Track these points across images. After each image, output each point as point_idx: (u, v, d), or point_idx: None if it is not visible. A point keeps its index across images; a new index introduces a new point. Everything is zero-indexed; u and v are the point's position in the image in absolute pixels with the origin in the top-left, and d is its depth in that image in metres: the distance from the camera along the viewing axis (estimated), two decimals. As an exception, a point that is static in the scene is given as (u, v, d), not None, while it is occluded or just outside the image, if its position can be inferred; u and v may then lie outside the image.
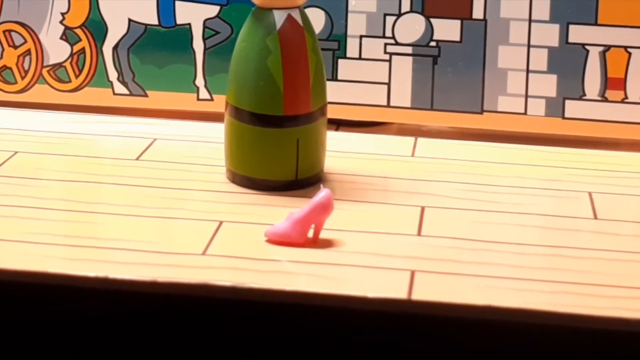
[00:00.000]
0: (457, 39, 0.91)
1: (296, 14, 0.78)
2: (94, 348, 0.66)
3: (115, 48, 0.94)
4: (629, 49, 0.89)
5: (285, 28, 0.78)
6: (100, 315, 0.66)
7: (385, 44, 0.92)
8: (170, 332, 0.65)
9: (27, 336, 0.67)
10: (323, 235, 0.71)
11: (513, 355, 0.64)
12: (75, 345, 0.66)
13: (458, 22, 0.91)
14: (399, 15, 0.91)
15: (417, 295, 0.64)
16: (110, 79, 0.94)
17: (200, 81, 0.94)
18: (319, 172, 0.81)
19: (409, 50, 0.91)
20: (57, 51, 0.94)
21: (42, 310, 0.66)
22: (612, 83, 0.90)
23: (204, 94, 0.94)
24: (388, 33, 0.91)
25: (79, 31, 0.94)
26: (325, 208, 0.70)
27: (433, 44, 0.91)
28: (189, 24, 0.93)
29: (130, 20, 0.93)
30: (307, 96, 0.78)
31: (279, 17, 0.78)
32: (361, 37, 0.92)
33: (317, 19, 0.91)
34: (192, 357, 0.65)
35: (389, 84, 0.92)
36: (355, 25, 0.92)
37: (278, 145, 0.79)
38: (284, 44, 0.77)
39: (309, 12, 0.88)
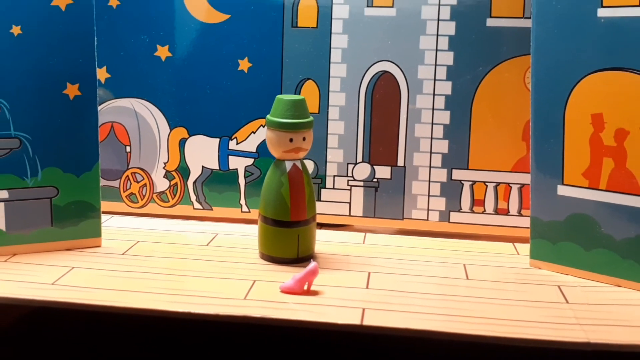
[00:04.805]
0: (389, 177, 0.90)
1: (298, 163, 0.79)
2: (177, 353, 0.67)
3: (194, 183, 0.93)
4: (486, 183, 0.89)
5: (292, 171, 0.78)
6: (184, 335, 0.66)
7: (348, 180, 0.91)
8: (225, 344, 0.66)
9: (140, 348, 0.67)
10: (313, 288, 0.72)
11: (425, 357, 0.64)
12: (169, 352, 0.67)
13: (389, 167, 0.90)
14: (356, 163, 0.91)
15: (366, 322, 0.65)
16: (191, 200, 0.94)
17: (242, 201, 0.93)
18: (311, 253, 0.80)
19: (361, 183, 0.91)
20: (161, 184, 0.94)
21: (150, 329, 0.67)
22: (477, 202, 0.89)
23: (245, 209, 0.93)
24: (349, 174, 0.91)
25: (174, 173, 0.93)
26: (313, 273, 0.71)
27: (375, 180, 0.90)
28: (236, 169, 0.92)
29: (203, 167, 0.93)
30: (304, 210, 0.78)
31: (288, 165, 0.78)
32: (334, 176, 0.91)
33: (309, 165, 0.91)
34: (239, 356, 0.66)
35: (349, 203, 0.91)
36: (331, 169, 0.91)
37: (287, 238, 0.78)
38: (291, 181, 0.78)
39: (305, 161, 0.89)
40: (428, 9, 0.87)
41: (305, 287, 0.71)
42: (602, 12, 0.73)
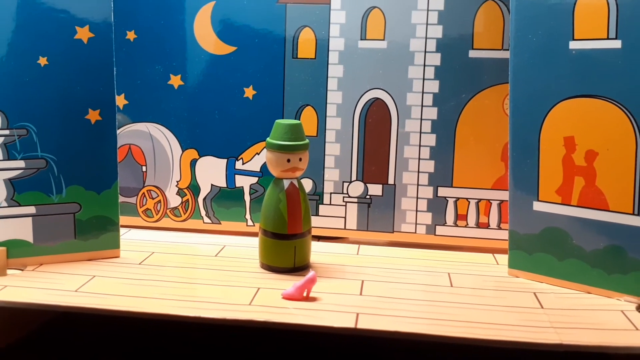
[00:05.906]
0: (380, 194, 0.90)
1: (295, 181, 0.79)
2: (189, 354, 0.66)
3: (204, 199, 0.93)
4: (469, 199, 0.89)
5: (289, 189, 0.78)
6: (194, 337, 0.66)
7: (343, 197, 0.91)
8: (232, 346, 0.66)
9: (154, 350, 0.67)
10: (312, 295, 0.72)
11: (413, 357, 0.64)
12: (180, 354, 0.66)
13: (381, 185, 0.90)
14: (350, 182, 0.91)
15: (360, 326, 0.65)
16: (201, 215, 0.93)
17: (248, 216, 0.93)
18: (307, 263, 0.80)
19: (355, 200, 0.91)
20: (174, 200, 0.94)
21: (165, 329, 0.67)
22: (460, 217, 0.89)
23: (250, 223, 0.93)
24: (345, 191, 0.91)
25: (185, 190, 0.93)
26: (312, 281, 0.71)
27: (368, 196, 0.90)
28: (242, 187, 0.92)
29: (212, 185, 0.93)
30: (300, 224, 0.78)
31: (286, 183, 0.78)
32: (331, 193, 0.91)
33: (308, 183, 0.91)
34: (244, 357, 0.65)
35: (345, 217, 0.91)
36: (328, 187, 0.91)
37: (284, 249, 0.78)
38: (288, 197, 0.78)
39: (304, 180, 0.90)
40: (416, 42, 0.87)
41: (305, 294, 0.71)
42: (573, 45, 0.73)
